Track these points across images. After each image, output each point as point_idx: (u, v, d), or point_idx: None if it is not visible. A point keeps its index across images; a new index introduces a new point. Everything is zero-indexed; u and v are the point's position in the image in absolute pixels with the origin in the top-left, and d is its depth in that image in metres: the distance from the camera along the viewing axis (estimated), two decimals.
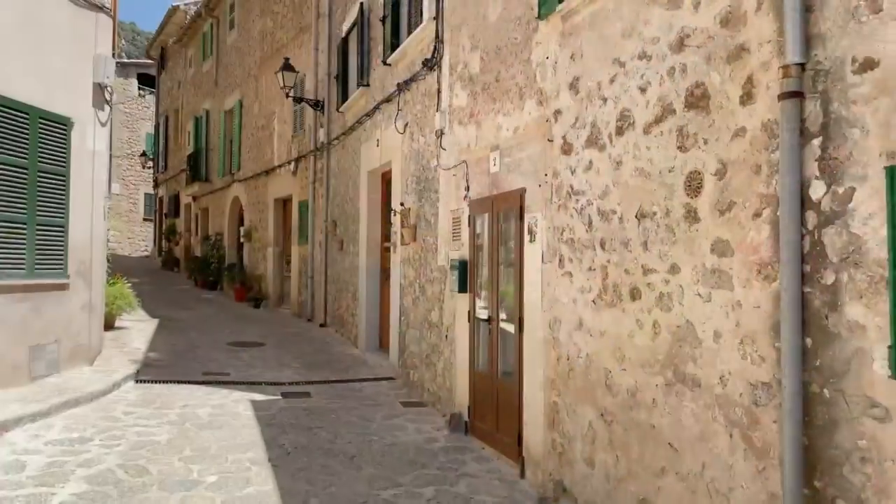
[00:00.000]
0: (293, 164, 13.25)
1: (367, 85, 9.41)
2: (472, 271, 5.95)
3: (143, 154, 26.77)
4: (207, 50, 19.80)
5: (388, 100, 8.41)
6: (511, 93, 5.30)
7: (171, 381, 7.30)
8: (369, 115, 9.26)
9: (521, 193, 5.06)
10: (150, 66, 29.43)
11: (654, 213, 3.57)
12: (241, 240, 16.40)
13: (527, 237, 4.97)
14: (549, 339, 4.68)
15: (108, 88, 7.57)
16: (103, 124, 7.53)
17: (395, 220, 8.10)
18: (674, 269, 3.42)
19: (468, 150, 6.10)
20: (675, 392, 3.37)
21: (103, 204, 7.59)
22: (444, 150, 6.64)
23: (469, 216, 6.02)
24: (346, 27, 10.63)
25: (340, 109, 10.71)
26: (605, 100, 4.06)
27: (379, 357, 8.93)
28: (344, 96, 10.65)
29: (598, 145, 4.15)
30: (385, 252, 9.24)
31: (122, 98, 29.53)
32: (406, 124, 7.84)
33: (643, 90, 3.69)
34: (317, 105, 11.99)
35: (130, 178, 29.98)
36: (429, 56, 6.98)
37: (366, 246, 9.44)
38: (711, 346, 3.15)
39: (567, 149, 4.50)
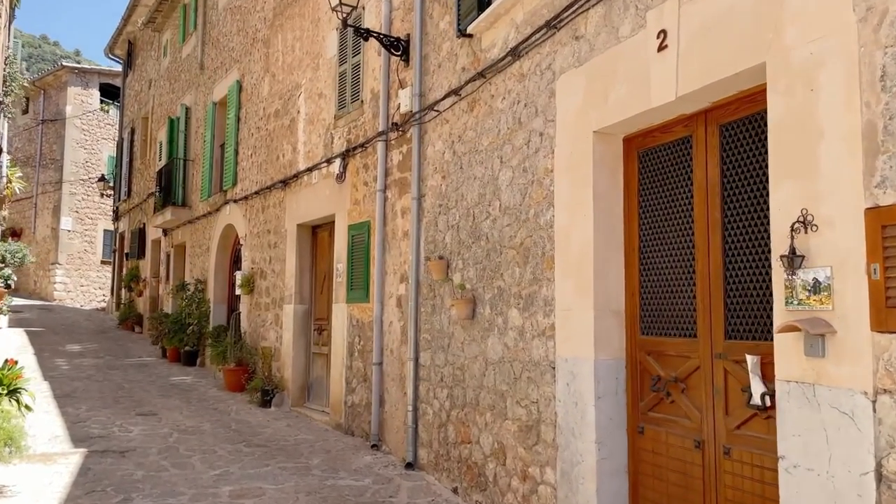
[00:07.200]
0: (338, 162, 7.62)
1: None
2: None
3: (102, 178, 20.86)
4: (189, 25, 14.26)
5: None
6: None
7: None
8: None
9: None
10: (115, 74, 23.81)
11: None
12: (238, 291, 10.52)
13: None
14: None
15: None
16: None
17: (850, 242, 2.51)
18: None
19: None
20: None
21: None
22: None
23: None
24: None
25: (469, 30, 5.19)
26: None
27: None
28: (480, 2, 5.14)
29: None
30: (655, 342, 3.60)
31: (79, 111, 23.77)
32: None
33: None
34: (397, 45, 6.47)
35: (86, 210, 23.91)
36: None
37: (592, 318, 3.78)
38: None
39: None
